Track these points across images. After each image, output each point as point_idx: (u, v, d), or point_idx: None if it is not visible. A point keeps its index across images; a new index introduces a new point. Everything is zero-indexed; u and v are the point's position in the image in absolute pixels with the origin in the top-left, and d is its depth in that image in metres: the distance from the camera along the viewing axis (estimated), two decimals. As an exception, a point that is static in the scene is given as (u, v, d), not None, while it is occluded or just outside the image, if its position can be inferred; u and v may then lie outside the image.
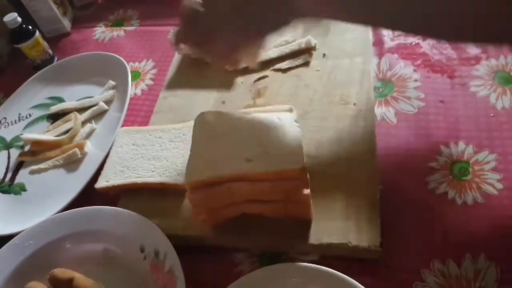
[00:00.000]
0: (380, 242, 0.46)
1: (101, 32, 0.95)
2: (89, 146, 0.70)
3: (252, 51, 0.52)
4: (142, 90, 0.78)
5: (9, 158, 0.74)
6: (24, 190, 0.68)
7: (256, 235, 0.51)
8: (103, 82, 0.79)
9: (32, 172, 0.70)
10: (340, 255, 0.48)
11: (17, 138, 0.76)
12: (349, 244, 0.47)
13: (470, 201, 0.51)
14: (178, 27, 0.52)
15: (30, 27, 0.85)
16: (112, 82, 0.78)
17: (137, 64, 0.83)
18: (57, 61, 0.89)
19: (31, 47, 0.85)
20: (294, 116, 0.51)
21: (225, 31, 0.47)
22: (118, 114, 0.71)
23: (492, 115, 0.57)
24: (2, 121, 0.80)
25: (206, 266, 0.52)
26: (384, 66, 0.67)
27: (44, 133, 0.75)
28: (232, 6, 0.46)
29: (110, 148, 0.64)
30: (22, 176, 0.70)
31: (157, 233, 0.51)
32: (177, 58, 0.77)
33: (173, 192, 0.56)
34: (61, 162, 0.69)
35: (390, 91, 0.64)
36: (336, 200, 0.51)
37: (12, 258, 0.55)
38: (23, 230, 0.57)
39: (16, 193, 0.68)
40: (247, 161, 0.46)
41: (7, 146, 0.76)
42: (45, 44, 0.88)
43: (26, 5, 0.90)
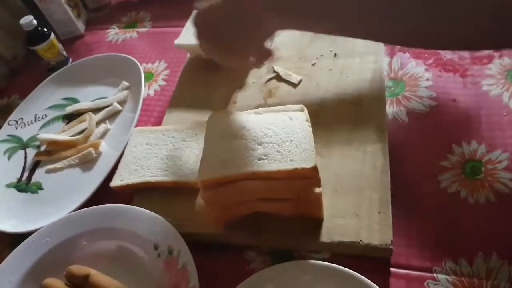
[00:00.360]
0: (391, 241, 0.47)
1: (114, 33, 0.96)
2: (103, 145, 0.71)
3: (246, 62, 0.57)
4: (155, 90, 0.79)
5: (26, 157, 0.75)
6: (40, 189, 0.69)
7: (268, 233, 0.51)
8: (117, 83, 0.80)
9: (48, 171, 0.71)
10: (351, 253, 0.49)
11: (33, 138, 0.77)
12: (360, 242, 0.47)
13: (482, 200, 0.50)
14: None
15: (45, 30, 0.86)
16: (125, 83, 0.79)
17: (150, 65, 0.85)
18: (71, 62, 0.90)
19: (46, 49, 0.86)
20: (306, 115, 0.51)
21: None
22: (132, 115, 0.72)
23: (505, 114, 0.57)
24: (19, 121, 0.81)
25: (218, 263, 0.53)
26: (395, 65, 0.67)
27: (59, 133, 0.76)
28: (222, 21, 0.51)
29: (124, 147, 0.64)
30: (39, 175, 0.71)
31: (170, 230, 0.52)
32: (189, 59, 0.78)
33: (186, 190, 0.57)
34: (76, 161, 0.70)
35: (402, 90, 0.64)
36: (347, 198, 0.51)
37: (29, 255, 0.56)
38: (40, 228, 0.58)
39: (33, 192, 0.69)
40: (259, 160, 0.47)
41: (24, 146, 0.77)
42: (59, 46, 0.89)
43: (41, 8, 0.92)
